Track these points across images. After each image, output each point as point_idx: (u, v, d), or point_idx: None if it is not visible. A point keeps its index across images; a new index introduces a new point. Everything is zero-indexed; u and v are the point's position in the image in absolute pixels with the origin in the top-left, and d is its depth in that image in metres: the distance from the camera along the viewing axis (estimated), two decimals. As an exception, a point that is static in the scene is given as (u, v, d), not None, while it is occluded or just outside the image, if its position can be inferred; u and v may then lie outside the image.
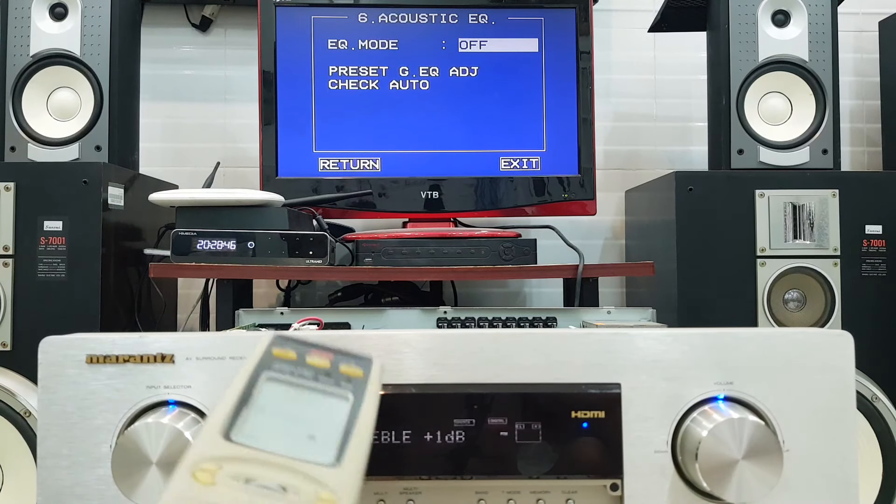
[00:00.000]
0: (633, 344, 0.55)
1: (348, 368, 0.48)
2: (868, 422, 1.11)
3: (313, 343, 0.50)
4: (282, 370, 0.46)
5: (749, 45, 1.28)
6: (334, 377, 0.47)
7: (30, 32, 1.23)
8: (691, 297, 1.21)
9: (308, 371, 0.46)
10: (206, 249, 1.07)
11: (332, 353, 0.49)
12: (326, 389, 0.45)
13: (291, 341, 0.49)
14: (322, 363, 0.47)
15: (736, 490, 0.50)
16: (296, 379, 0.45)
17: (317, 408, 0.44)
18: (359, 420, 0.43)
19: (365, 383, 0.47)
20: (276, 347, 0.48)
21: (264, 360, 0.46)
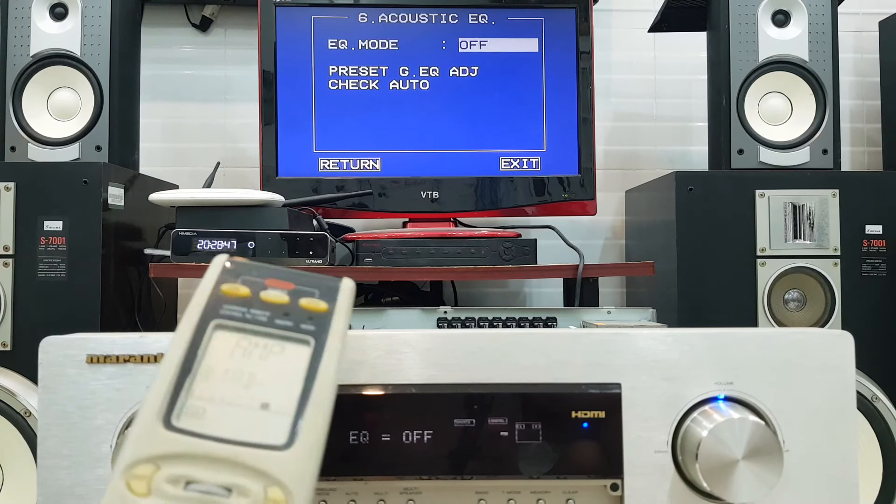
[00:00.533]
0: (634, 344, 0.55)
1: (310, 302, 0.41)
2: (868, 422, 1.11)
3: (271, 272, 0.43)
4: (232, 314, 0.40)
5: (749, 45, 1.28)
6: (293, 316, 0.40)
7: (30, 32, 1.23)
8: (691, 297, 1.21)
9: (263, 311, 0.40)
10: (206, 249, 1.06)
11: (291, 282, 0.42)
12: (284, 335, 0.39)
13: (245, 270, 0.43)
14: (279, 298, 0.41)
15: (736, 490, 0.50)
16: (249, 325, 0.39)
17: (272, 362, 0.38)
18: (318, 376, 0.38)
19: (329, 320, 0.41)
20: (226, 282, 0.41)
21: (212, 301, 0.40)
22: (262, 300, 0.41)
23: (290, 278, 0.43)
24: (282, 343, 0.39)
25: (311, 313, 0.41)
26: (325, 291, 0.42)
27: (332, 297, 0.42)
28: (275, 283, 0.42)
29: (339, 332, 0.41)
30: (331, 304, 0.42)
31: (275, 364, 0.38)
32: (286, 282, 0.42)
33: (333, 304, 0.42)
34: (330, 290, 0.43)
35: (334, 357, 0.39)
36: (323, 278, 0.44)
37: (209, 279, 0.42)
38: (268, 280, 0.42)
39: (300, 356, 0.39)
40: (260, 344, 0.39)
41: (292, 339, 0.39)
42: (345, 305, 0.42)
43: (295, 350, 0.39)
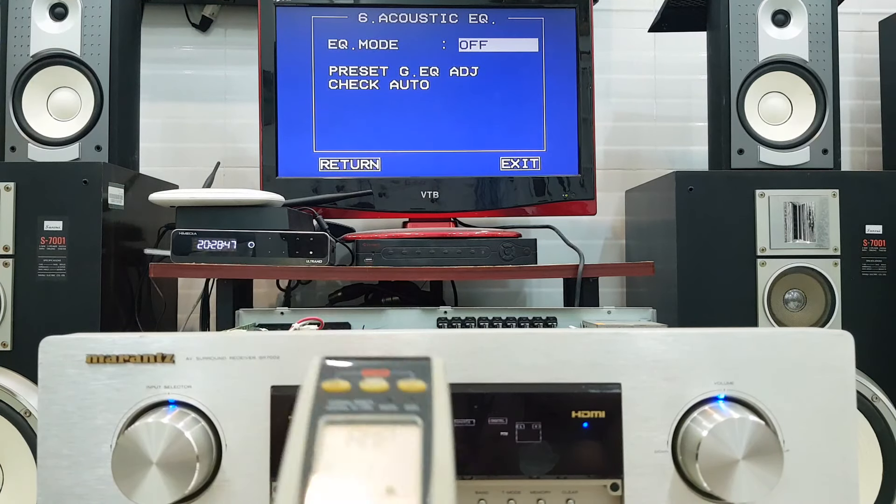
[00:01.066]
0: (634, 344, 0.55)
1: (409, 384, 0.43)
2: (868, 422, 1.11)
3: (363, 361, 0.45)
4: (338, 408, 0.41)
5: (749, 45, 1.28)
6: (396, 400, 0.42)
7: (30, 32, 1.23)
8: (691, 297, 1.21)
9: (366, 401, 0.42)
10: (206, 249, 1.06)
11: (386, 368, 0.44)
12: (392, 419, 0.41)
13: (339, 367, 0.45)
14: (379, 386, 0.43)
15: (736, 490, 0.50)
16: (356, 416, 0.41)
17: (387, 447, 0.39)
18: (434, 453, 0.39)
19: (430, 398, 0.42)
20: (326, 380, 0.43)
21: (317, 400, 0.42)
22: (364, 390, 0.42)
23: (384, 365, 0.45)
24: (391, 428, 0.40)
25: (411, 395, 0.42)
26: (419, 371, 0.44)
27: (427, 375, 0.44)
28: (371, 372, 0.44)
29: (443, 407, 0.42)
30: (427, 383, 0.43)
31: (390, 449, 0.39)
32: (381, 370, 0.44)
33: (430, 381, 0.43)
34: (423, 369, 0.45)
35: (445, 432, 0.40)
36: (411, 359, 0.46)
37: (310, 380, 0.43)
38: (364, 371, 0.44)
39: (412, 437, 0.40)
40: (371, 432, 0.40)
41: (400, 421, 0.41)
42: (441, 381, 0.44)
43: (405, 432, 0.40)
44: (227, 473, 0.53)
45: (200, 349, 0.54)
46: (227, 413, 0.53)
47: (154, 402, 0.53)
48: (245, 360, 0.54)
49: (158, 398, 0.53)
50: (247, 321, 0.93)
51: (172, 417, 0.51)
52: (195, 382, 0.54)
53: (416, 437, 0.40)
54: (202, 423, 0.53)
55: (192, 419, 0.52)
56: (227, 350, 0.54)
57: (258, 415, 0.53)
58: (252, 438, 0.53)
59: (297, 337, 0.55)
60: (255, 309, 0.95)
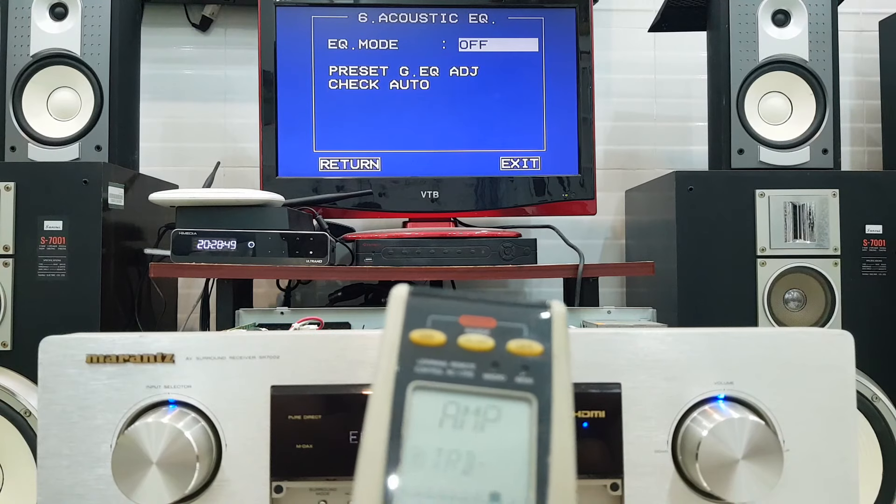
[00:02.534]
0: (634, 344, 0.55)
1: (521, 345, 0.34)
2: (868, 422, 1.11)
3: (463, 304, 0.35)
4: (431, 373, 0.33)
5: (749, 45, 1.28)
6: (504, 366, 0.33)
7: (30, 32, 1.23)
8: (691, 297, 1.21)
9: (466, 363, 0.33)
10: (206, 249, 1.06)
11: (491, 317, 0.35)
12: (497, 393, 0.33)
13: (432, 305, 0.35)
14: (483, 344, 0.34)
15: (736, 490, 0.50)
16: (454, 384, 0.33)
17: (491, 433, 0.32)
18: (552, 448, 0.31)
19: (548, 366, 0.34)
20: (415, 328, 0.34)
21: (404, 355, 0.34)
22: (463, 348, 0.34)
23: (489, 311, 0.35)
24: (497, 404, 0.32)
25: (524, 360, 0.34)
26: (535, 325, 0.35)
27: (545, 331, 0.35)
28: (472, 321, 0.35)
29: (564, 381, 0.33)
30: (546, 344, 0.34)
31: (494, 436, 0.32)
32: (485, 317, 0.35)
33: (549, 342, 0.34)
34: (540, 322, 0.35)
35: (567, 419, 0.32)
36: (526, 305, 0.36)
37: (394, 323, 0.35)
38: (463, 318, 0.35)
39: (522, 421, 0.32)
40: (471, 408, 0.32)
41: (508, 397, 0.33)
42: (563, 342, 0.35)
43: (514, 413, 0.32)
44: (226, 473, 0.53)
45: (200, 349, 0.54)
46: (227, 413, 0.53)
47: (154, 401, 0.53)
48: (245, 360, 0.54)
49: (158, 398, 0.53)
50: (247, 321, 0.93)
51: (172, 417, 0.51)
52: (195, 382, 0.54)
53: (527, 421, 0.32)
54: (202, 422, 0.53)
55: (191, 419, 0.52)
56: (227, 350, 0.54)
57: (258, 415, 0.53)
58: (252, 438, 0.53)
59: (297, 337, 0.55)
60: (255, 309, 0.95)
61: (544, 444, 0.31)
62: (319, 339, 0.54)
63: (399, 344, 0.34)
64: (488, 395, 0.33)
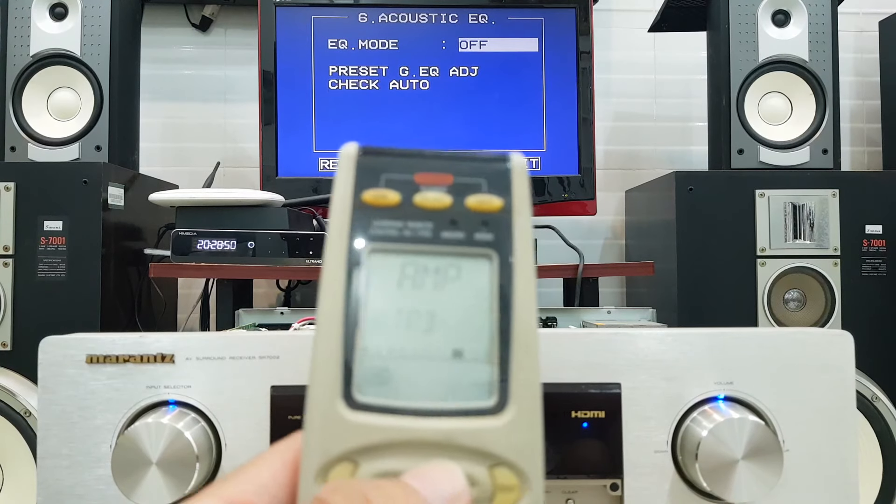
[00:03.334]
0: (633, 344, 0.55)
1: (479, 200, 0.32)
2: (868, 422, 1.11)
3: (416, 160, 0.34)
4: (386, 233, 0.31)
5: (749, 45, 1.28)
6: (462, 223, 0.31)
7: (30, 32, 1.23)
8: (691, 297, 1.21)
9: (423, 222, 0.31)
10: (206, 249, 1.06)
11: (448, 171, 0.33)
12: (456, 251, 0.31)
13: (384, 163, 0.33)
14: (439, 201, 0.32)
15: (736, 490, 0.50)
16: (411, 245, 0.31)
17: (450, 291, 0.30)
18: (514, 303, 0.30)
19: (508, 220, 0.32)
20: (368, 187, 0.32)
21: (357, 217, 0.31)
22: (419, 206, 0.32)
23: (445, 167, 0.33)
24: (456, 262, 0.31)
25: (483, 216, 0.32)
26: (494, 179, 0.33)
27: (505, 185, 0.33)
28: (427, 178, 0.33)
29: (524, 236, 0.32)
30: (505, 198, 0.32)
31: (455, 294, 0.30)
32: (441, 174, 0.33)
33: (509, 196, 0.32)
34: (499, 175, 0.33)
35: (527, 272, 0.31)
36: (483, 159, 0.33)
37: (344, 184, 0.32)
38: (417, 175, 0.33)
39: (482, 277, 0.31)
40: (430, 267, 0.31)
41: (468, 254, 0.31)
42: (524, 195, 0.32)
43: (474, 270, 0.31)
44: (227, 473, 0.53)
45: (200, 349, 0.54)
46: (227, 413, 0.53)
47: (154, 402, 0.53)
48: (245, 360, 0.54)
49: (158, 398, 0.53)
50: (247, 321, 0.93)
51: (172, 417, 0.51)
52: (195, 382, 0.54)
53: (487, 277, 0.31)
54: (202, 423, 0.53)
55: (191, 419, 0.52)
56: (227, 350, 0.54)
57: (258, 415, 0.53)
58: (252, 438, 0.53)
59: (297, 337, 0.55)
60: (255, 309, 0.95)
61: (506, 299, 0.30)
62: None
63: (351, 206, 0.32)
64: (447, 254, 0.31)
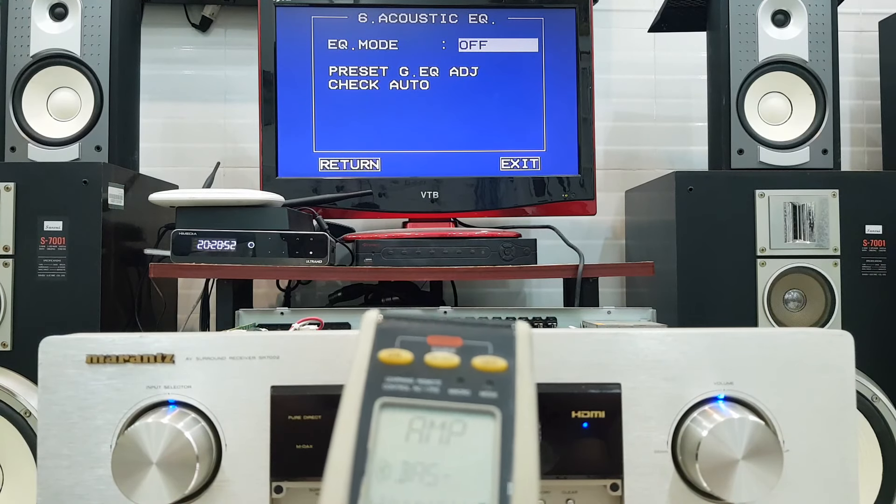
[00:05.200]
0: (634, 344, 0.55)
1: (485, 361, 0.35)
2: (868, 422, 1.11)
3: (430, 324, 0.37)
4: (398, 389, 0.34)
5: (749, 45, 1.28)
6: (469, 381, 0.34)
7: (30, 32, 1.23)
8: (691, 297, 1.21)
9: (432, 380, 0.34)
10: (206, 249, 1.06)
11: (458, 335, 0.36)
12: (462, 407, 0.33)
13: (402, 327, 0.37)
14: (448, 361, 0.35)
15: (736, 490, 0.50)
16: (419, 400, 0.33)
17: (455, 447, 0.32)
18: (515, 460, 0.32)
19: (511, 381, 0.34)
20: (384, 348, 0.36)
21: (372, 373, 0.34)
22: (429, 365, 0.35)
23: (455, 331, 0.37)
24: (462, 419, 0.33)
25: (488, 375, 0.34)
26: (499, 342, 0.36)
27: (509, 348, 0.36)
28: (439, 340, 0.36)
29: (527, 395, 0.34)
30: (510, 360, 0.35)
31: (459, 449, 0.32)
32: (451, 337, 0.36)
33: (513, 358, 0.35)
34: (504, 339, 0.36)
35: (529, 431, 0.33)
36: (491, 325, 0.37)
37: (364, 344, 0.36)
38: (430, 338, 0.36)
39: (486, 434, 0.33)
40: (437, 423, 0.33)
41: (473, 411, 0.33)
42: (526, 358, 0.35)
43: (479, 427, 0.33)
44: (226, 473, 0.53)
45: (200, 349, 0.54)
46: (226, 413, 0.53)
47: (154, 402, 0.53)
48: (245, 360, 0.54)
49: (158, 398, 0.53)
50: (247, 321, 0.93)
51: (172, 417, 0.51)
52: (195, 382, 0.54)
53: (491, 434, 0.33)
54: (202, 423, 0.53)
55: (191, 419, 0.52)
56: (227, 350, 0.54)
57: (258, 415, 0.53)
58: (252, 438, 0.53)
59: (297, 337, 0.55)
60: (255, 309, 0.95)
61: (507, 456, 0.32)
62: (319, 339, 0.54)
63: (368, 363, 0.35)
64: (453, 410, 0.33)
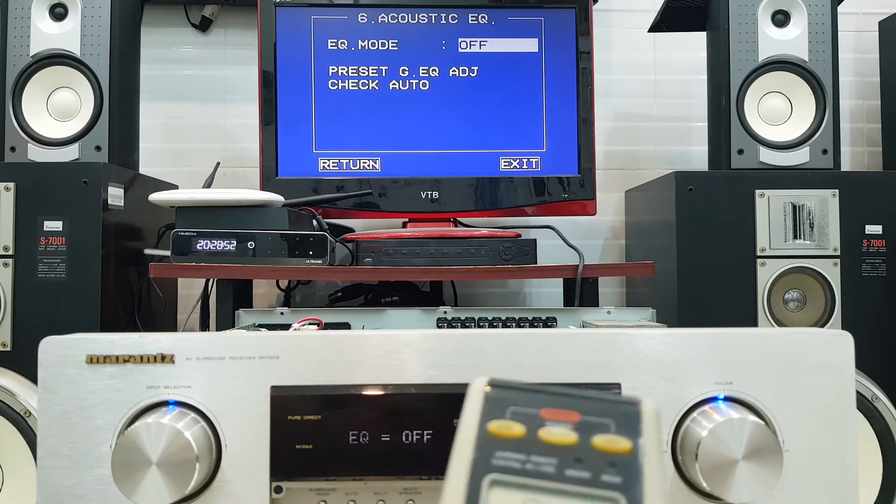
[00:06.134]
0: (634, 344, 0.55)
1: (607, 441, 0.32)
2: (868, 422, 1.11)
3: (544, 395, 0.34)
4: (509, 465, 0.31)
5: (749, 45, 1.28)
6: (588, 462, 0.31)
7: (30, 32, 1.23)
8: (691, 297, 1.21)
9: (547, 458, 0.31)
10: (206, 249, 1.06)
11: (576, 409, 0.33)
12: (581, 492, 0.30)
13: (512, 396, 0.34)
14: (565, 438, 0.32)
15: (736, 490, 0.50)
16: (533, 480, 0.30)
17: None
18: None
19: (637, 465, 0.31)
20: (493, 419, 0.32)
21: (481, 446, 0.32)
22: (543, 441, 0.32)
23: (572, 405, 0.33)
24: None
25: (610, 457, 0.31)
26: (623, 421, 0.33)
27: (634, 428, 0.32)
28: (554, 414, 0.33)
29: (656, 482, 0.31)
30: (634, 440, 0.32)
31: None
32: (568, 411, 0.33)
33: (637, 438, 0.32)
34: (628, 417, 0.33)
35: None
36: (612, 399, 0.34)
37: (471, 414, 0.33)
38: (544, 411, 0.33)
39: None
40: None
41: (593, 497, 0.30)
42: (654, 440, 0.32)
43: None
44: (226, 473, 0.53)
45: (200, 349, 0.54)
46: (226, 413, 0.53)
47: (154, 402, 0.54)
48: (245, 360, 0.54)
49: (158, 398, 0.53)
50: (247, 321, 0.93)
51: (172, 417, 0.51)
52: (195, 382, 0.54)
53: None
54: (202, 423, 0.53)
55: (191, 419, 0.52)
56: (227, 350, 0.54)
57: (258, 415, 0.53)
58: (252, 438, 0.53)
59: (297, 337, 0.55)
60: (255, 309, 0.95)
61: None
62: (319, 340, 0.54)
63: (476, 435, 0.32)
64: (571, 494, 0.30)
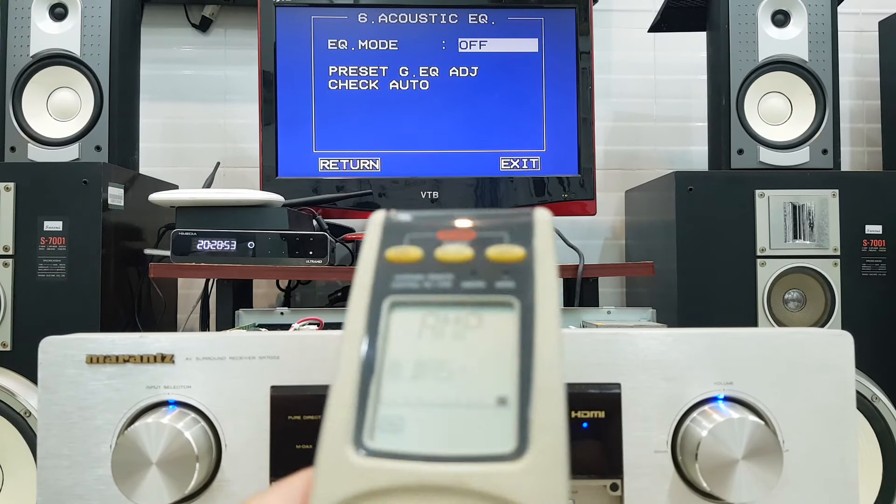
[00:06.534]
0: (634, 344, 0.55)
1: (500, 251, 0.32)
2: (868, 422, 1.11)
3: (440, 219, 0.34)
4: (407, 286, 0.31)
5: (749, 45, 1.28)
6: (483, 273, 0.31)
7: (30, 32, 1.23)
8: (691, 297, 1.21)
9: (444, 275, 0.31)
10: (206, 249, 1.06)
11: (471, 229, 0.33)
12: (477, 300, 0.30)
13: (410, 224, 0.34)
14: (461, 254, 0.32)
15: (736, 490, 0.50)
16: (431, 295, 0.31)
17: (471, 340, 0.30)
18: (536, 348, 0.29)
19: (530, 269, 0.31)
20: (391, 246, 0.32)
21: (379, 274, 0.32)
22: (440, 260, 0.32)
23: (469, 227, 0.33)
24: (477, 312, 0.30)
25: (505, 266, 0.31)
26: (517, 231, 0.32)
27: (527, 236, 0.32)
28: (449, 234, 0.32)
29: (548, 282, 0.31)
30: (527, 248, 0.32)
31: (474, 342, 0.30)
32: (464, 231, 0.33)
33: (530, 246, 0.32)
34: (521, 227, 0.33)
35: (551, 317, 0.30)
36: (507, 214, 0.34)
37: (370, 245, 0.33)
38: (440, 232, 0.33)
39: (505, 325, 0.30)
40: (450, 318, 0.30)
41: (488, 303, 0.30)
42: (547, 245, 0.32)
43: (496, 318, 0.30)
44: (226, 473, 0.53)
45: (200, 349, 0.54)
46: (226, 413, 0.53)
47: (154, 402, 0.53)
48: (245, 360, 0.54)
49: (158, 398, 0.53)
50: (247, 321, 0.93)
51: (172, 417, 0.51)
52: (195, 382, 0.54)
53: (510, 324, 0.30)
54: (202, 423, 0.53)
55: (191, 419, 0.52)
56: (227, 350, 0.54)
57: (258, 415, 0.53)
58: (252, 438, 0.53)
59: (297, 337, 0.55)
60: (255, 309, 0.95)
61: (527, 347, 0.29)
62: (319, 339, 0.54)
63: (375, 263, 0.32)
64: (468, 304, 0.30)
